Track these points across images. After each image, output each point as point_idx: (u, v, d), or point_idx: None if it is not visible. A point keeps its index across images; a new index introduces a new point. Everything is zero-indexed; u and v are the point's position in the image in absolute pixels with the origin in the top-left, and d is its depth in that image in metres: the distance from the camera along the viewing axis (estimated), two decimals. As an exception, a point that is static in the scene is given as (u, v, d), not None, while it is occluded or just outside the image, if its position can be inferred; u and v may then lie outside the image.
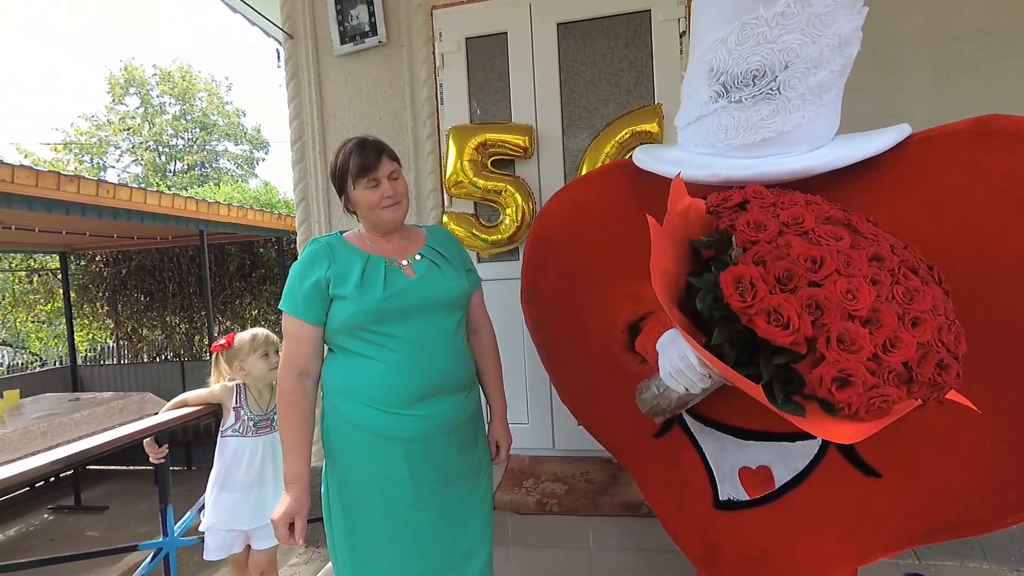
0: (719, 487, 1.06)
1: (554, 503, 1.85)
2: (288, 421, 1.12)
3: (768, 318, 0.66)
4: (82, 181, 3.74)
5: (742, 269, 0.70)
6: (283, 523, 1.08)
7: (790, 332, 0.64)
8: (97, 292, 7.24)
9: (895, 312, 0.65)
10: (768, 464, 0.99)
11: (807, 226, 0.72)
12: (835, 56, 0.89)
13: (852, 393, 0.63)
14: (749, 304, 0.67)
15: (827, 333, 0.64)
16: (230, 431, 1.62)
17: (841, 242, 0.70)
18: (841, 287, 0.65)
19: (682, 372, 0.88)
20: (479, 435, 1.25)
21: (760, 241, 0.72)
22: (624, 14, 2.04)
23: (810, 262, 0.68)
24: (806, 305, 0.65)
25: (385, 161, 1.14)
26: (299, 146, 2.39)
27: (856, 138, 0.96)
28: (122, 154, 16.95)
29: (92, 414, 4.18)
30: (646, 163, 1.11)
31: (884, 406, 0.64)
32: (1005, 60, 1.81)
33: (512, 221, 2.05)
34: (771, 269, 0.68)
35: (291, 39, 2.38)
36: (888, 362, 0.63)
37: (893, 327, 0.64)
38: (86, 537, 4.05)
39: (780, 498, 0.97)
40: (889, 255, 0.70)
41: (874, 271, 0.68)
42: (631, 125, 1.94)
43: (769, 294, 0.66)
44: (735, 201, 0.81)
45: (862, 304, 0.64)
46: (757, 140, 0.94)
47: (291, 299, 1.12)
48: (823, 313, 0.65)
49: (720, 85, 0.96)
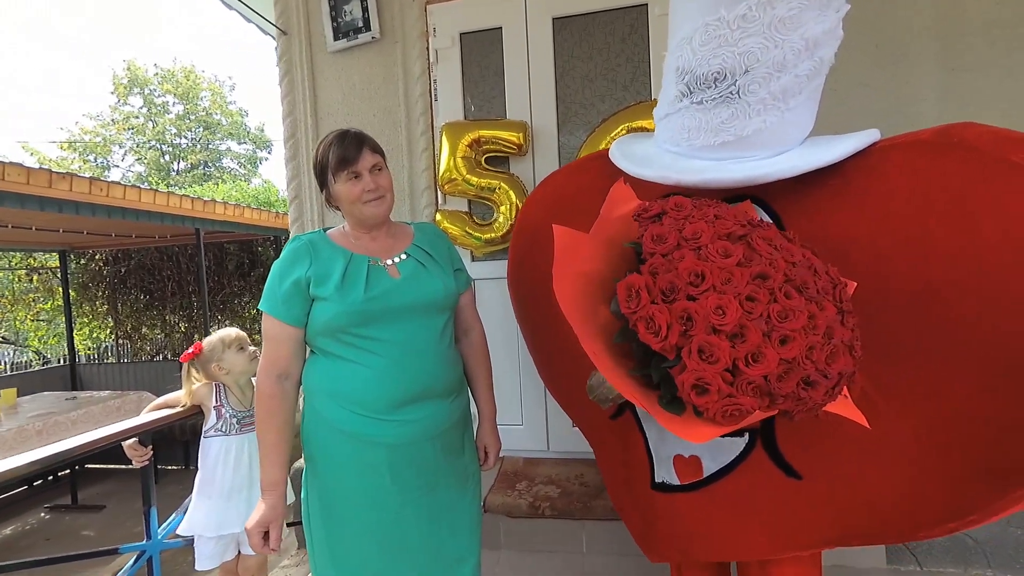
0: (656, 470, 1.12)
1: (547, 506, 1.81)
2: (266, 425, 1.08)
3: (646, 325, 0.73)
4: (74, 179, 3.72)
5: (634, 278, 0.77)
6: (257, 531, 1.04)
7: (660, 339, 0.72)
8: (97, 291, 7.25)
9: (762, 329, 0.70)
10: (699, 455, 1.04)
11: (702, 242, 0.78)
12: (801, 60, 0.87)
13: (708, 400, 0.70)
14: (633, 311, 0.75)
15: (690, 344, 0.71)
16: (213, 431, 1.59)
17: (728, 259, 0.75)
18: (712, 302, 0.71)
19: None
20: (467, 440, 1.22)
21: (656, 253, 0.79)
22: (620, 8, 2.00)
23: (694, 276, 0.74)
24: (678, 316, 0.72)
25: (366, 153, 1.10)
26: (292, 143, 2.36)
27: (819, 144, 0.94)
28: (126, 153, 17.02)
29: (89, 413, 4.16)
30: (615, 158, 1.14)
31: (737, 413, 0.70)
32: (1013, 54, 1.77)
33: (506, 219, 2.02)
34: (658, 281, 0.76)
35: (285, 35, 2.35)
36: (748, 374, 0.69)
37: (756, 343, 0.69)
38: (82, 536, 4.04)
39: (707, 486, 1.03)
40: (776, 274, 0.74)
41: (752, 289, 0.72)
42: (627, 121, 1.90)
43: (651, 303, 0.74)
44: (654, 212, 0.86)
45: (729, 319, 0.70)
46: (717, 143, 0.94)
47: (271, 299, 1.08)
48: (692, 325, 0.71)
49: (684, 85, 0.96)
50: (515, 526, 1.84)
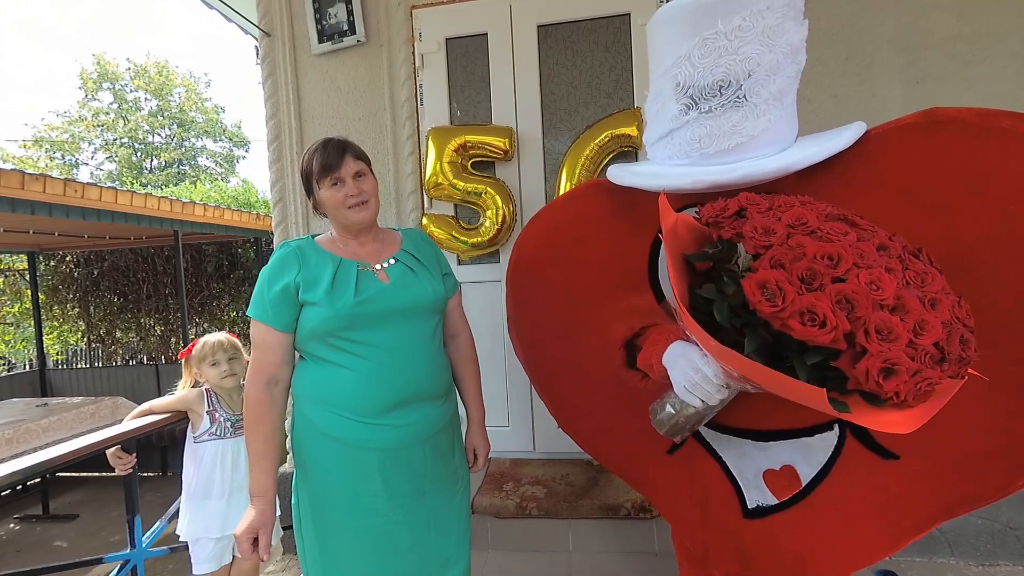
0: (746, 494, 1.03)
1: (534, 507, 1.84)
2: (254, 432, 1.08)
3: (802, 319, 0.65)
4: (48, 180, 3.61)
5: (765, 274, 0.69)
6: (246, 538, 1.04)
7: (828, 330, 0.64)
8: (67, 293, 7.02)
9: (916, 296, 0.66)
10: (791, 463, 0.98)
11: (812, 225, 0.73)
12: (789, 63, 0.95)
13: (898, 381, 0.63)
14: (781, 308, 0.66)
15: (864, 326, 0.64)
16: (206, 435, 1.58)
17: (848, 236, 0.71)
18: (864, 278, 0.66)
19: (698, 385, 0.87)
20: (456, 443, 1.23)
21: (773, 245, 0.72)
22: (604, 17, 2.05)
23: (828, 259, 0.68)
24: (836, 301, 0.65)
25: (349, 160, 1.11)
26: (276, 146, 2.34)
27: (817, 138, 1.00)
28: (96, 151, 16.49)
29: (61, 420, 4.04)
30: (623, 179, 1.11)
31: (928, 389, 0.65)
32: (973, 68, 1.87)
33: (492, 223, 2.04)
34: (792, 270, 0.68)
35: (268, 37, 2.33)
36: (922, 345, 0.64)
37: (919, 311, 0.65)
38: (55, 547, 3.92)
39: (808, 496, 0.97)
40: (891, 243, 0.72)
41: (885, 260, 0.69)
42: (611, 128, 1.95)
43: (798, 295, 0.66)
44: (733, 210, 0.81)
45: (887, 293, 0.65)
46: (731, 146, 0.97)
47: (259, 305, 1.08)
48: (853, 307, 0.65)
49: (688, 98, 0.99)
50: (502, 527, 1.87)
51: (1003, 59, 1.84)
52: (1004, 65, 1.84)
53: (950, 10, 1.87)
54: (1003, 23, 1.84)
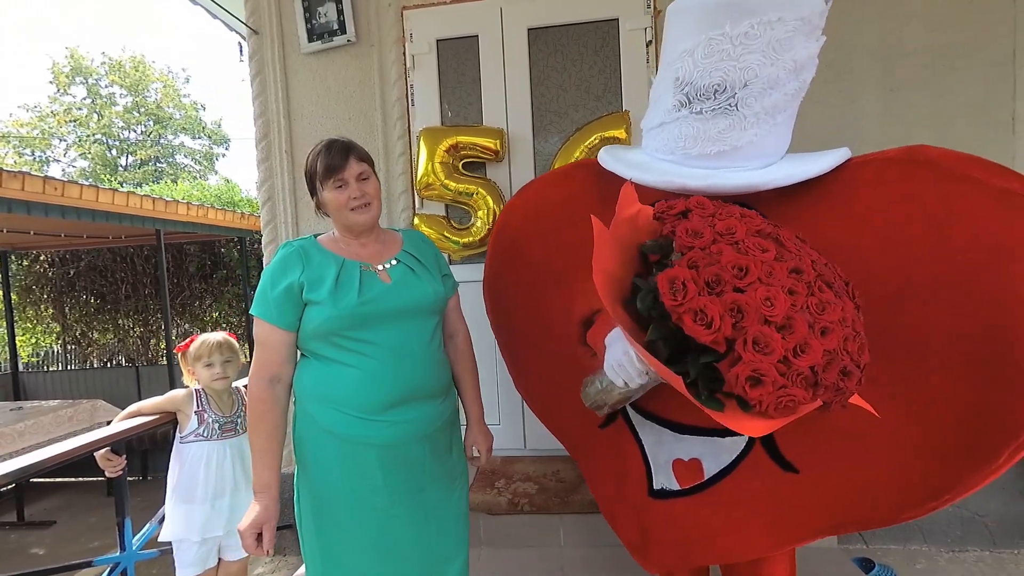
0: (654, 477, 1.12)
1: (525, 502, 1.87)
2: (257, 429, 1.09)
3: (695, 317, 0.71)
4: (27, 178, 3.50)
5: (677, 271, 0.75)
6: (251, 533, 1.05)
7: (712, 331, 0.70)
8: (41, 293, 6.80)
9: (807, 321, 0.71)
10: (699, 457, 1.05)
11: (738, 236, 0.77)
12: (790, 80, 0.95)
13: (763, 392, 0.69)
14: (680, 303, 0.72)
15: (744, 335, 0.69)
16: (192, 436, 1.57)
17: (767, 254, 0.75)
18: (761, 294, 0.70)
19: (623, 367, 0.93)
20: (454, 441, 1.26)
21: (695, 247, 0.78)
22: (593, 22, 2.08)
23: (737, 269, 0.73)
24: (729, 308, 0.71)
25: (352, 162, 1.13)
26: (264, 144, 2.33)
27: (801, 158, 1.02)
28: (68, 147, 16.00)
29: (38, 424, 3.93)
30: (608, 163, 1.15)
31: (791, 405, 0.70)
32: (946, 76, 1.95)
33: (483, 224, 2.07)
34: (702, 273, 0.74)
35: (256, 35, 2.31)
36: (797, 365, 0.69)
37: (804, 334, 0.70)
38: (32, 555, 3.82)
39: (708, 489, 1.04)
40: (808, 269, 0.76)
41: (792, 282, 0.73)
42: (600, 131, 1.98)
43: (697, 295, 0.72)
44: (679, 209, 0.86)
45: (778, 311, 0.70)
46: (713, 152, 0.99)
47: (263, 303, 1.09)
48: (743, 316, 0.70)
49: (684, 95, 1.00)
50: (494, 523, 1.89)
51: (974, 69, 1.93)
52: (975, 74, 1.93)
53: (924, 21, 1.95)
54: (974, 34, 1.93)
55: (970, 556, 1.89)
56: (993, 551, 1.90)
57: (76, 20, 37.30)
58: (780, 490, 0.98)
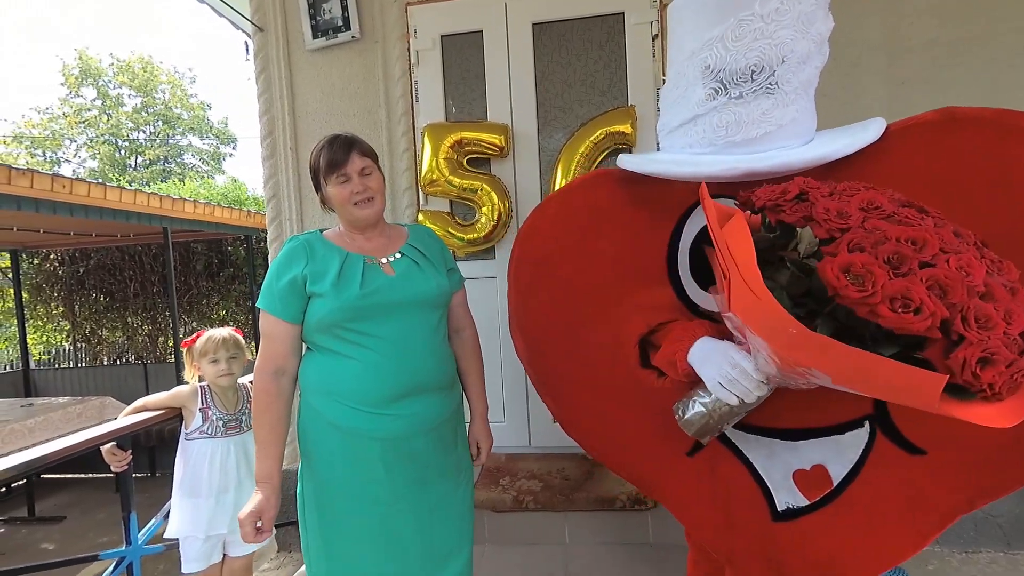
0: (775, 496, 0.98)
1: (530, 500, 1.86)
2: (261, 420, 1.10)
3: (893, 305, 0.60)
4: (36, 175, 3.54)
5: (849, 257, 0.63)
6: (250, 521, 1.06)
7: (924, 316, 0.58)
8: (52, 292, 6.88)
9: (1002, 284, 0.63)
10: (822, 462, 0.95)
11: (888, 209, 0.68)
12: (817, 53, 0.95)
13: (995, 372, 0.58)
14: (871, 292, 0.60)
15: (961, 312, 0.59)
16: (197, 433, 1.57)
17: (926, 220, 0.66)
18: (954, 263, 0.61)
19: (735, 381, 0.81)
20: (459, 435, 1.25)
21: (851, 227, 0.67)
22: (598, 16, 2.07)
23: (911, 243, 0.63)
24: (928, 287, 0.60)
25: (355, 157, 1.13)
26: (269, 142, 2.33)
27: (842, 132, 0.99)
28: (78, 148, 16.18)
29: (48, 420, 3.97)
30: (643, 166, 1.06)
31: (1021, 380, 0.60)
32: (953, 70, 1.92)
33: (488, 220, 2.06)
34: (878, 253, 0.63)
35: (261, 32, 2.31)
36: (1012, 334, 0.60)
37: (1006, 299, 0.62)
38: (41, 550, 3.86)
39: (840, 496, 0.94)
40: (965, 232, 0.68)
41: (965, 247, 0.65)
42: (605, 126, 1.97)
43: (889, 279, 0.61)
44: (793, 193, 0.76)
45: (977, 279, 0.61)
46: (759, 134, 0.95)
47: (268, 296, 1.10)
48: (946, 293, 0.60)
49: (718, 82, 0.96)
50: (499, 520, 1.88)
51: (980, 63, 1.90)
52: (980, 69, 1.90)
53: (931, 15, 1.92)
54: (981, 29, 1.89)
55: (983, 557, 1.86)
56: (1007, 552, 1.87)
57: (76, 20, 37.70)
58: (910, 477, 0.92)
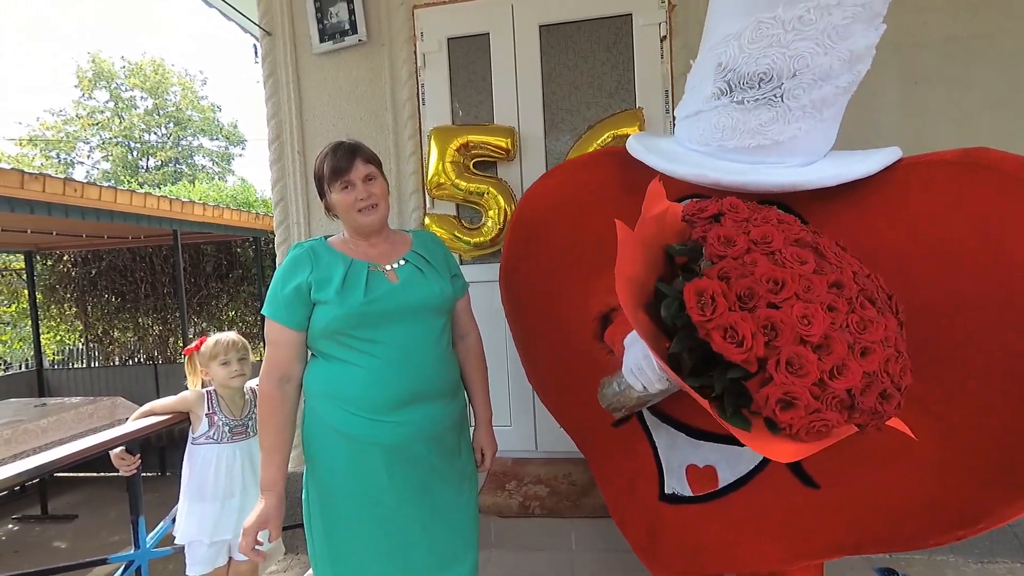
0: (666, 480, 1.08)
1: (536, 505, 1.85)
2: (267, 427, 1.10)
3: (724, 334, 0.67)
4: (48, 179, 3.59)
5: (706, 283, 0.70)
6: (252, 531, 1.06)
7: (743, 350, 0.65)
8: (65, 293, 6.98)
9: (846, 340, 0.66)
10: (714, 464, 1.00)
11: (775, 246, 0.72)
12: (844, 72, 0.88)
13: (795, 415, 0.64)
14: (708, 318, 0.67)
15: (778, 355, 0.65)
16: (203, 438, 1.58)
17: (805, 266, 0.70)
18: (798, 311, 0.66)
19: (643, 371, 0.89)
20: (463, 441, 1.24)
21: (727, 256, 0.72)
22: (606, 18, 2.05)
23: (772, 283, 0.68)
24: (762, 326, 0.66)
25: (359, 164, 1.12)
26: (277, 145, 2.34)
27: (847, 157, 0.95)
28: (91, 150, 16.41)
29: (60, 420, 4.03)
30: (638, 152, 1.09)
31: (824, 429, 0.66)
32: (969, 69, 1.88)
33: (495, 223, 2.05)
34: (734, 286, 0.69)
35: (269, 36, 2.32)
36: (833, 388, 0.65)
37: (842, 355, 0.65)
38: (53, 548, 3.91)
39: (723, 497, 1.00)
40: (850, 283, 0.70)
41: (832, 298, 0.68)
42: (613, 128, 1.95)
43: (728, 311, 0.67)
44: (710, 212, 0.80)
45: (815, 330, 0.65)
46: (751, 145, 0.92)
47: (273, 304, 1.11)
48: (777, 335, 0.66)
49: (725, 82, 0.94)
50: (505, 525, 1.87)
51: (996, 60, 1.86)
52: (997, 66, 1.86)
53: (946, 11, 1.88)
54: (996, 25, 1.85)
55: (1000, 568, 1.82)
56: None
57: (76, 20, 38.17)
58: (798, 504, 0.93)
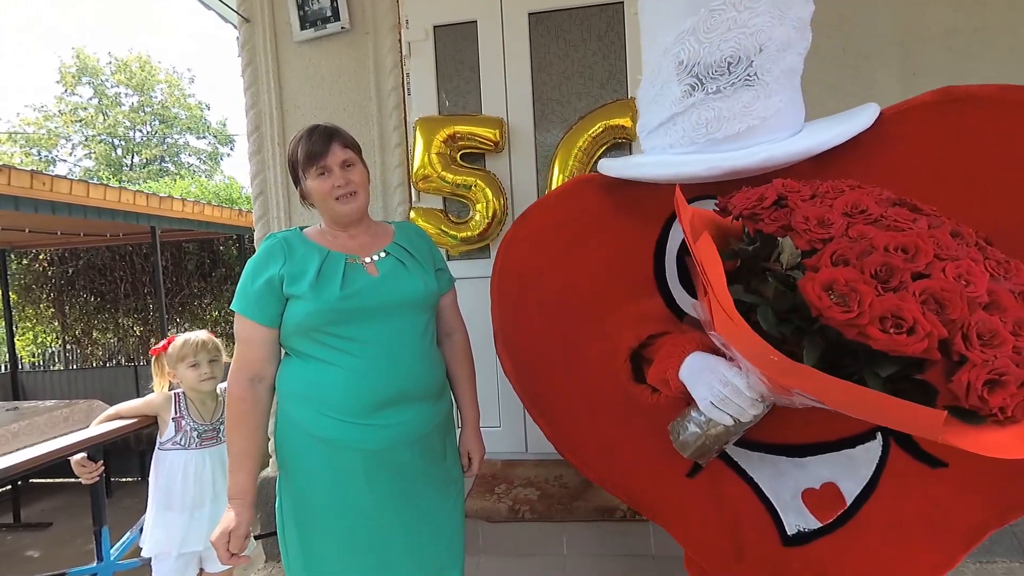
0: (783, 519, 0.92)
1: (527, 510, 1.78)
2: (236, 431, 1.03)
3: (884, 326, 0.53)
4: (13, 171, 3.44)
5: (831, 273, 0.57)
6: (223, 542, 0.98)
7: (919, 337, 0.52)
8: (41, 293, 6.79)
9: (1008, 290, 0.56)
10: (833, 480, 0.88)
11: (874, 212, 0.61)
12: (799, 38, 0.90)
13: (1005, 394, 0.52)
14: (858, 313, 0.54)
15: (962, 330, 0.53)
16: (170, 444, 1.49)
17: (918, 223, 0.60)
18: (951, 272, 0.55)
19: (728, 400, 0.75)
20: (448, 445, 1.17)
21: (833, 237, 0.60)
22: (597, 5, 1.99)
23: (902, 251, 0.57)
24: (922, 302, 0.54)
25: (336, 148, 1.05)
26: (256, 136, 2.25)
27: (830, 121, 0.94)
28: (74, 147, 16.07)
29: (33, 424, 3.89)
30: (622, 171, 1.01)
31: None
32: (969, 61, 1.85)
33: (483, 217, 1.98)
34: (864, 266, 0.57)
35: (247, 23, 2.23)
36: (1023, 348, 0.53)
37: (1015, 308, 0.55)
38: (27, 557, 3.77)
39: (854, 516, 0.87)
40: (965, 231, 0.61)
41: (965, 250, 0.58)
42: (604, 119, 1.89)
43: (876, 297, 0.54)
44: (771, 199, 0.70)
45: (979, 288, 0.54)
46: (742, 129, 0.90)
47: (243, 299, 1.03)
48: (944, 308, 0.53)
49: (694, 78, 0.91)
50: (494, 530, 1.81)
51: (998, 53, 1.83)
52: (999, 59, 1.83)
53: (946, 3, 1.86)
54: (998, 17, 1.83)
55: (999, 568, 1.79)
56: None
57: (76, 20, 37.67)
58: (933, 493, 0.84)
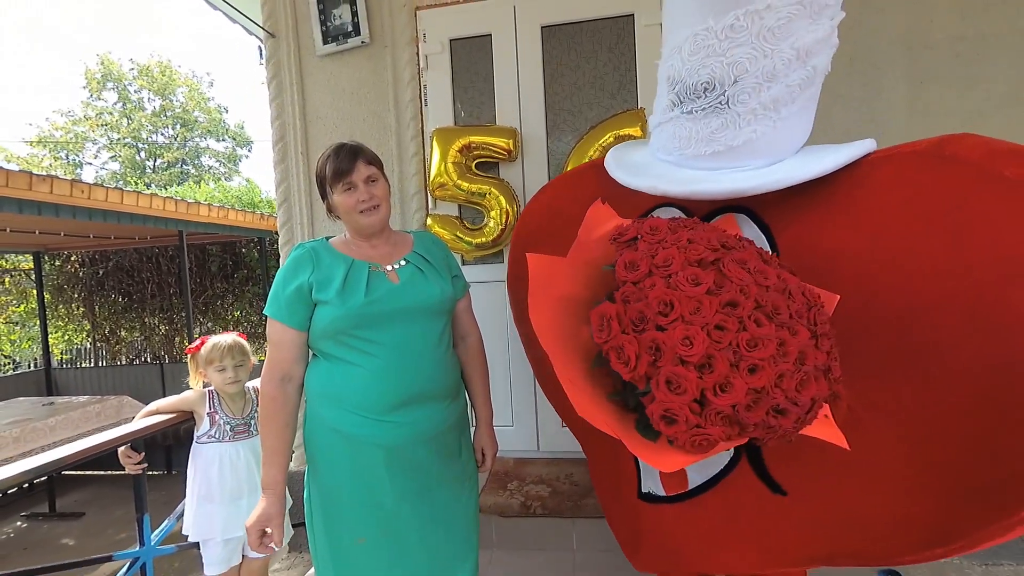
0: (642, 480, 1.11)
1: (538, 505, 1.85)
2: (268, 427, 1.11)
3: (616, 355, 0.73)
4: (55, 181, 3.63)
5: (606, 307, 0.77)
6: (255, 530, 1.07)
7: (629, 370, 0.72)
8: (73, 293, 7.06)
9: (729, 359, 0.70)
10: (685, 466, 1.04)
11: (672, 269, 0.77)
12: (792, 69, 0.86)
13: (677, 430, 0.70)
14: (605, 340, 0.75)
15: (658, 375, 0.71)
16: (206, 437, 1.59)
17: (698, 287, 0.74)
18: (679, 333, 0.71)
19: None
20: (463, 443, 1.25)
21: (628, 282, 0.78)
22: (608, 18, 2.05)
23: (662, 305, 0.74)
24: (647, 347, 0.72)
25: (360, 165, 1.13)
26: (281, 146, 2.36)
27: (817, 152, 0.92)
28: (99, 150, 16.57)
29: (68, 419, 4.07)
30: (609, 166, 1.13)
31: (706, 443, 0.70)
32: (976, 68, 1.86)
33: (497, 224, 2.05)
34: (629, 310, 0.76)
35: (273, 38, 2.34)
36: (716, 404, 0.69)
37: (724, 373, 0.70)
38: (61, 545, 3.95)
39: (695, 498, 1.01)
40: (744, 301, 0.73)
41: (721, 318, 0.72)
42: (614, 129, 1.95)
43: (621, 333, 0.74)
44: (630, 236, 0.85)
45: (696, 351, 0.70)
46: (708, 152, 0.94)
47: (275, 304, 1.11)
48: (660, 355, 0.71)
49: (675, 94, 0.96)
50: (507, 525, 1.88)
51: (1006, 59, 1.84)
52: (1007, 65, 1.84)
53: (954, 10, 1.87)
54: (1006, 23, 1.83)
55: (1004, 571, 1.80)
56: (1030, 566, 1.81)
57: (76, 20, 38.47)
58: (768, 510, 0.92)
